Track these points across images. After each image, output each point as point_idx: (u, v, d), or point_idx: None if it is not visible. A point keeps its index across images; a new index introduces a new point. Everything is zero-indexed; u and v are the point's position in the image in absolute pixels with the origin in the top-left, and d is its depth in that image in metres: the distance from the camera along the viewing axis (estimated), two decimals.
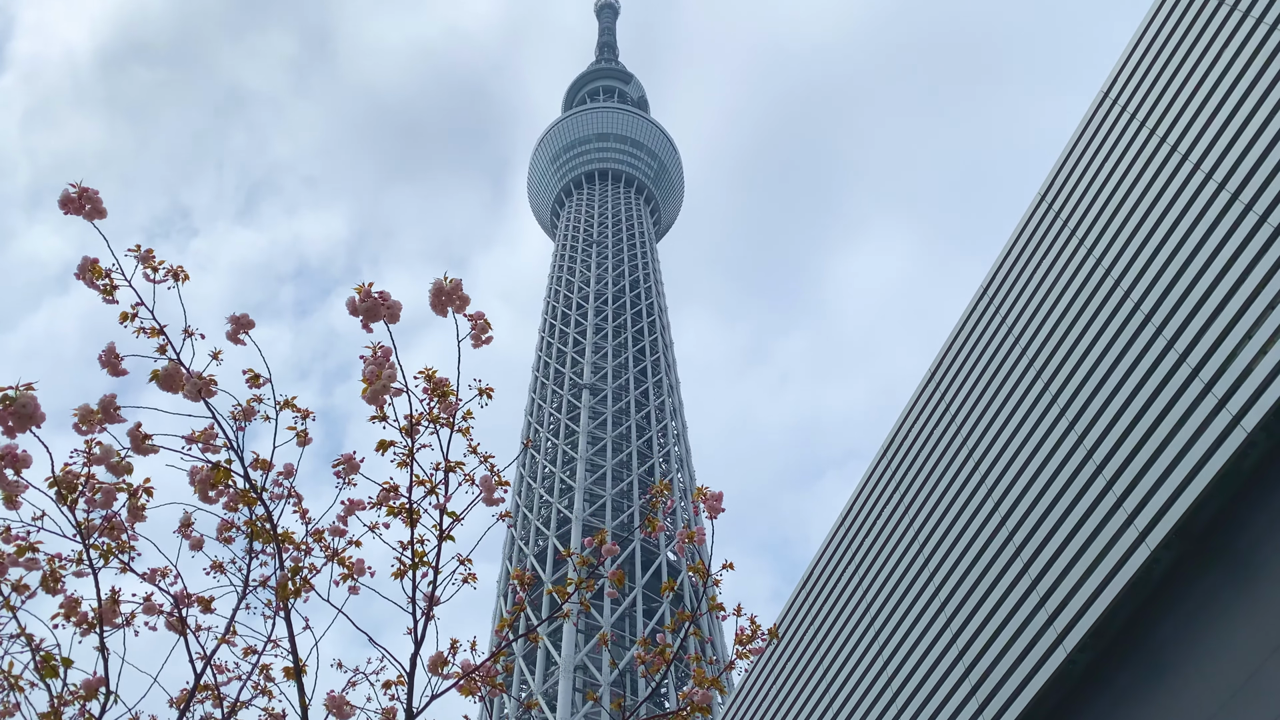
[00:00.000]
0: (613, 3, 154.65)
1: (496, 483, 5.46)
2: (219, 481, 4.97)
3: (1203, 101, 13.00)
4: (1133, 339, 12.63)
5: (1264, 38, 12.15)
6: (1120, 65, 15.56)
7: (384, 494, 5.39)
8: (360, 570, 5.87)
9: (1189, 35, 13.88)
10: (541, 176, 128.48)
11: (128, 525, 5.09)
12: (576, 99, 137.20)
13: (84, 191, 4.39)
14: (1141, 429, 11.91)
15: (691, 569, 5.86)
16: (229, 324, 4.78)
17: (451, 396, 4.98)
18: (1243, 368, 10.59)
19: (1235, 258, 11.34)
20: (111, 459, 4.54)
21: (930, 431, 17.47)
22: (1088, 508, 12.43)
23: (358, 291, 4.57)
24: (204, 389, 4.63)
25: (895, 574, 17.13)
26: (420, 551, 5.43)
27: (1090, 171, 15.21)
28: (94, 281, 4.39)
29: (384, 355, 4.69)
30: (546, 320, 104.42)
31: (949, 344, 17.87)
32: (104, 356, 4.41)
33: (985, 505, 14.85)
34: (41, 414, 4.07)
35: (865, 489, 19.62)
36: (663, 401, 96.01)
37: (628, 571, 76.31)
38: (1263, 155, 11.46)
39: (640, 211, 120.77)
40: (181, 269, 4.55)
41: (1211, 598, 10.70)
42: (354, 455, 5.64)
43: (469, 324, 4.78)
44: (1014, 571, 13.63)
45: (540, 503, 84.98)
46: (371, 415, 4.97)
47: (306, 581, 5.62)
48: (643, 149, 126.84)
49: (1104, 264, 13.87)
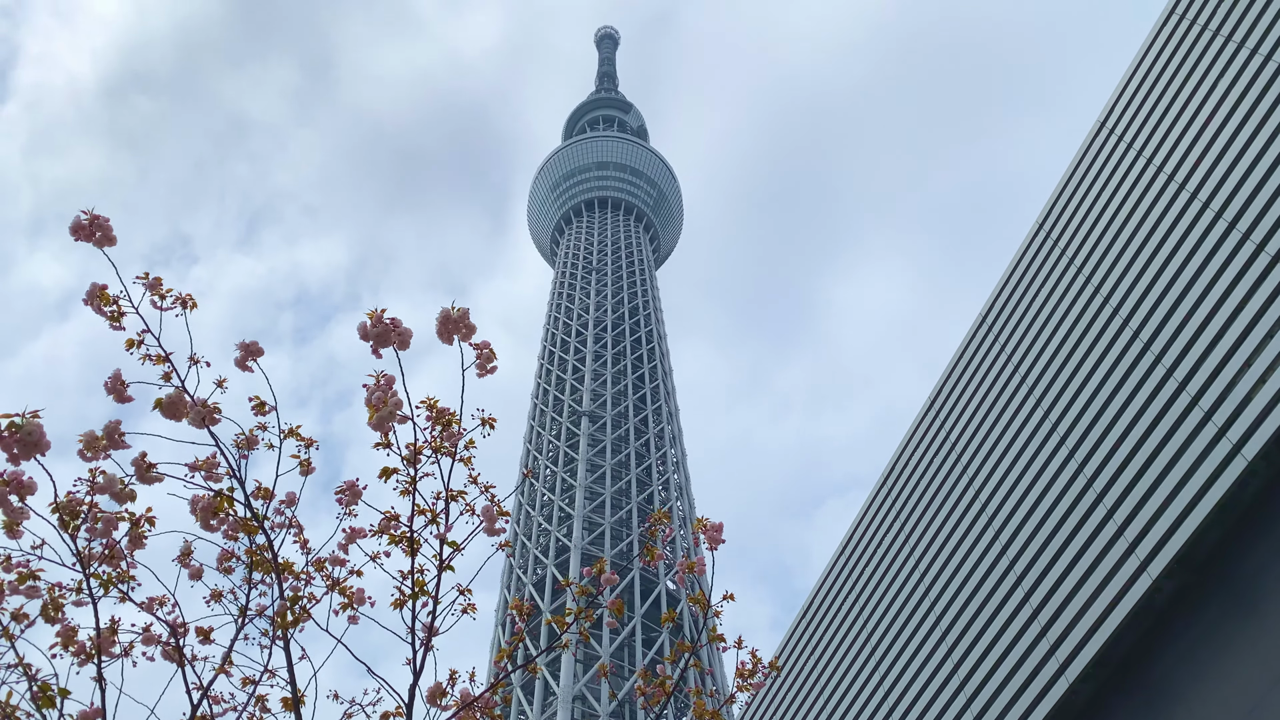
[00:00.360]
0: (612, 33, 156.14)
1: (498, 513, 5.44)
2: (220, 510, 4.96)
3: (1199, 131, 13.10)
4: (1132, 367, 12.65)
5: (1258, 69, 12.27)
6: (1117, 95, 15.69)
7: (385, 522, 5.38)
8: (360, 600, 5.84)
9: (1184, 66, 14.02)
10: (541, 204, 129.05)
11: (128, 553, 5.08)
12: (576, 128, 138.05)
13: (95, 219, 4.42)
14: (1141, 457, 11.90)
15: (692, 600, 5.83)
16: (238, 350, 4.78)
17: (455, 426, 4.98)
18: (1242, 396, 10.60)
19: (1233, 286, 11.38)
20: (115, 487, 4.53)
21: (931, 459, 17.45)
22: (1089, 536, 12.40)
23: (369, 317, 4.57)
24: (207, 417, 4.63)
25: (896, 603, 17.04)
26: (420, 581, 5.40)
27: (1088, 200, 15.30)
28: (101, 308, 4.41)
29: (388, 383, 4.69)
30: (546, 347, 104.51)
31: (949, 371, 17.89)
32: (110, 383, 4.42)
33: (986, 534, 14.81)
34: (47, 442, 4.07)
35: (866, 517, 19.57)
36: (662, 429, 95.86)
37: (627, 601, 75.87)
38: (1259, 183, 11.54)
39: (640, 239, 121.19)
40: (190, 296, 4.56)
41: (1214, 628, 10.64)
42: (356, 483, 5.63)
43: (474, 353, 4.79)
44: (1015, 600, 13.57)
45: (539, 531, 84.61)
46: (376, 442, 4.96)
47: (305, 611, 5.59)
48: (642, 177, 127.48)
49: (1102, 292, 13.91)
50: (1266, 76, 12.09)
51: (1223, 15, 13.38)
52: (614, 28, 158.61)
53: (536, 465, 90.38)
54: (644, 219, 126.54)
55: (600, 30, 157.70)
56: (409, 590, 5.40)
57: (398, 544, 5.33)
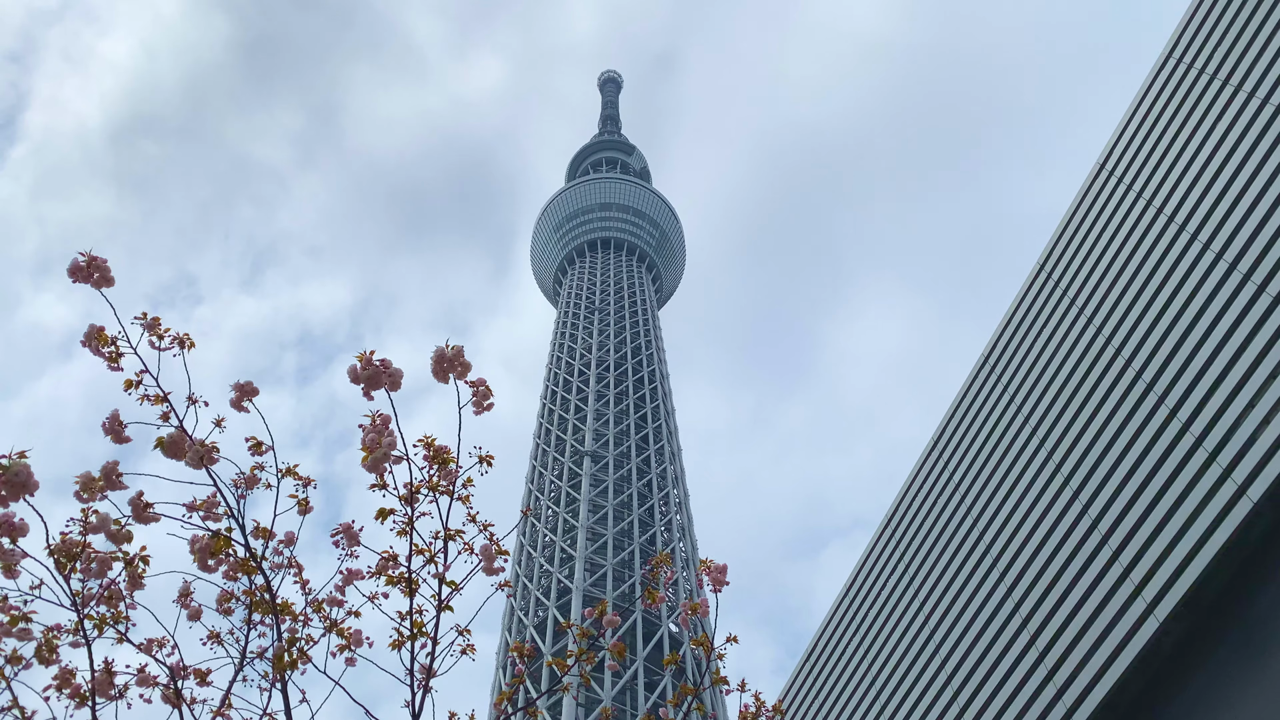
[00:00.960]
0: (616, 77, 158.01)
1: (496, 552, 5.40)
2: (219, 550, 4.93)
3: (1198, 173, 13.18)
4: (1135, 408, 12.61)
5: (1255, 111, 12.38)
6: (1116, 137, 15.81)
7: (383, 563, 5.34)
8: (358, 641, 5.78)
9: (1183, 109, 14.14)
10: (544, 245, 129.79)
11: (126, 594, 5.04)
12: (580, 170, 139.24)
13: (93, 260, 4.43)
14: (1146, 498, 11.83)
15: (695, 642, 5.77)
16: (233, 391, 4.78)
17: (452, 464, 4.96)
18: (1246, 437, 10.56)
19: (1235, 326, 11.38)
20: (109, 527, 4.50)
21: (934, 500, 17.36)
22: (1094, 578, 12.29)
23: (359, 359, 4.57)
24: (206, 456, 4.62)
25: (901, 646, 16.86)
26: (419, 622, 5.36)
27: (1088, 241, 15.36)
28: (100, 349, 4.41)
29: (383, 423, 4.68)
30: (548, 387, 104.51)
31: (952, 412, 17.85)
32: (108, 424, 4.41)
33: (991, 576, 14.68)
34: (35, 482, 4.04)
35: (869, 559, 19.42)
36: (665, 469, 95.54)
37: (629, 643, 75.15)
38: (1259, 225, 11.58)
39: (642, 279, 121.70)
40: (187, 336, 4.56)
41: (1223, 671, 10.51)
42: (353, 524, 5.60)
43: (470, 391, 4.79)
44: (1021, 643, 13.42)
45: (540, 572, 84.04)
46: (372, 483, 4.94)
47: (304, 653, 5.53)
48: (644, 218, 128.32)
49: (1104, 333, 13.92)
50: (1264, 119, 12.18)
51: (1220, 58, 13.52)
52: (617, 71, 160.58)
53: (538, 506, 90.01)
54: (646, 259, 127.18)
55: (604, 74, 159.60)
56: (407, 631, 5.35)
57: (396, 585, 5.29)
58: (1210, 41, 13.84)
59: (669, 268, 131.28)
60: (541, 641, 75.69)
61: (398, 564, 5.29)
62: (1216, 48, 13.66)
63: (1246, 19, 13.05)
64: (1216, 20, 13.78)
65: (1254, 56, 12.72)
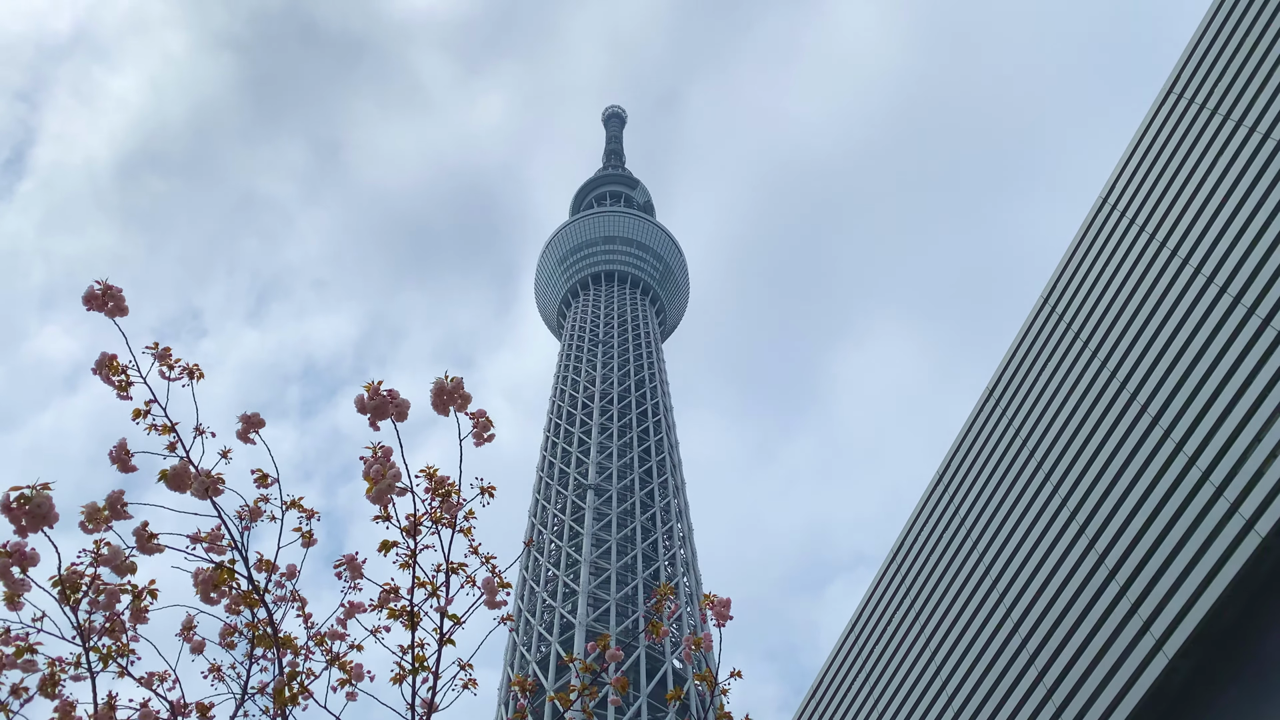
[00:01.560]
0: (620, 112, 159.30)
1: (499, 585, 5.38)
2: (222, 582, 4.91)
3: (1201, 207, 13.23)
4: (1141, 441, 12.57)
5: (1257, 146, 12.45)
6: (1118, 171, 15.89)
7: (385, 596, 5.32)
8: (359, 675, 5.75)
9: (1184, 143, 14.22)
10: (549, 278, 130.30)
11: (130, 626, 5.02)
12: (584, 204, 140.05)
13: (108, 289, 4.46)
14: (1154, 533, 11.76)
15: (699, 677, 5.73)
16: (240, 423, 4.78)
17: (454, 496, 4.96)
18: (1254, 471, 10.51)
19: (1240, 361, 11.37)
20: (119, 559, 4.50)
21: (939, 536, 17.26)
22: (1101, 614, 12.19)
23: (366, 389, 4.58)
24: (211, 488, 4.62)
25: (906, 683, 16.69)
26: (420, 656, 5.32)
27: (1092, 275, 15.39)
28: (110, 377, 4.43)
29: (385, 454, 4.68)
30: (552, 420, 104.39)
31: (956, 447, 17.79)
32: (114, 452, 4.41)
33: (997, 612, 14.57)
34: (55, 514, 4.05)
35: (874, 595, 19.29)
36: (668, 503, 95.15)
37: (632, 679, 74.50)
38: (1263, 259, 11.61)
39: (646, 312, 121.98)
40: (196, 367, 4.58)
41: (1233, 708, 10.39)
42: (356, 556, 5.58)
43: (470, 422, 4.79)
44: (1028, 681, 13.29)
45: (543, 607, 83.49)
46: (375, 515, 4.93)
47: (305, 687, 5.50)
48: (648, 251, 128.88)
49: (1109, 366, 13.91)
50: (1266, 153, 12.25)
51: (1221, 93, 13.62)
52: (621, 107, 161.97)
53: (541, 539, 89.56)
54: (650, 292, 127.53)
55: (608, 109, 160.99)
56: (409, 665, 5.31)
57: (397, 618, 5.26)
58: (1212, 76, 13.95)
59: (672, 300, 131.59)
60: (544, 677, 75.03)
61: (399, 597, 5.27)
62: (1218, 82, 13.77)
63: (1248, 54, 13.16)
64: (1218, 55, 13.91)
65: (1255, 91, 12.81)
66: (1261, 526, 10.09)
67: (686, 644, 5.70)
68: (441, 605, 5.27)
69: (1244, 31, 13.35)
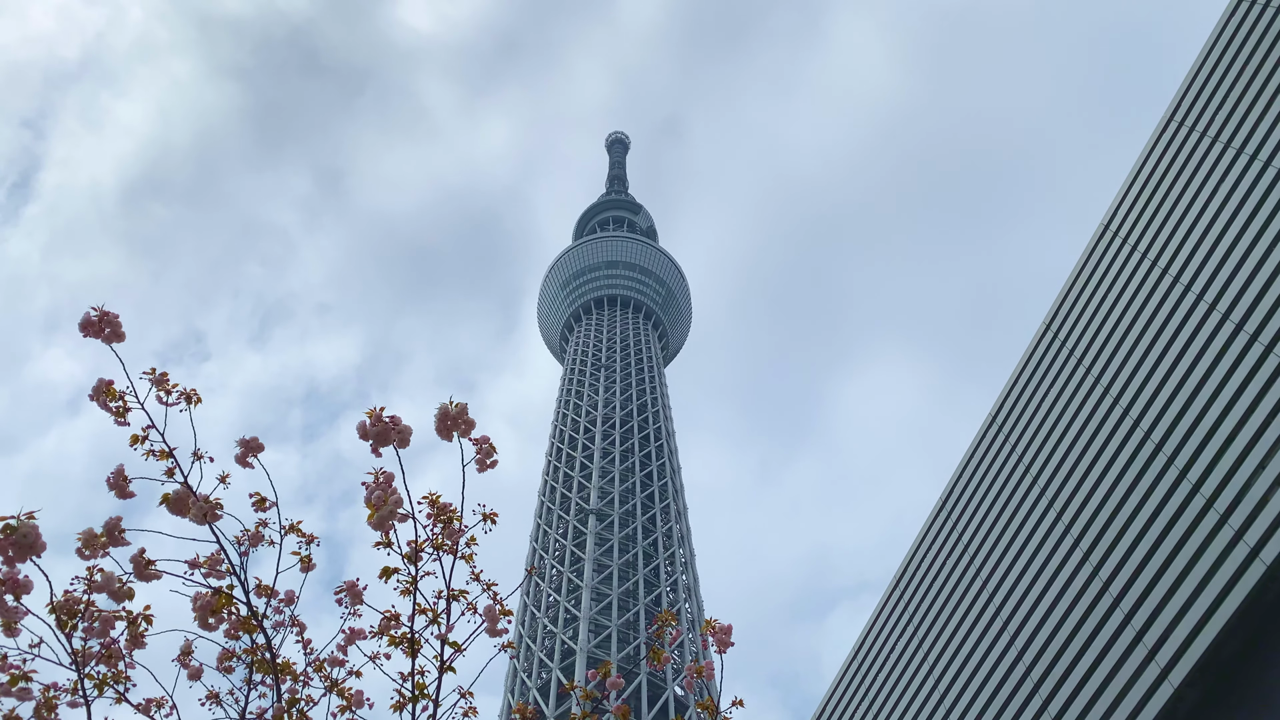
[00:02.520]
0: (623, 138, 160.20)
1: (500, 612, 5.35)
2: (220, 608, 4.88)
3: (1202, 234, 13.25)
4: (1144, 469, 12.52)
5: (1258, 174, 12.48)
6: (1120, 199, 15.93)
7: (385, 623, 5.28)
8: (359, 702, 5.70)
9: (1185, 171, 14.27)
10: (552, 302, 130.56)
11: (126, 653, 4.98)
12: (587, 229, 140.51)
13: (105, 315, 4.46)
14: (1158, 561, 11.69)
15: (701, 705, 5.68)
16: (238, 447, 4.77)
17: (456, 522, 4.93)
18: (1258, 499, 10.46)
19: (1244, 388, 11.35)
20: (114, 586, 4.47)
21: (943, 562, 17.17)
22: (1106, 642, 12.10)
23: (369, 416, 4.57)
24: (209, 513, 4.60)
25: (910, 710, 16.55)
26: (421, 683, 5.28)
27: (1094, 301, 15.39)
28: (107, 403, 4.42)
29: (387, 480, 4.66)
30: (554, 444, 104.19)
31: (959, 472, 17.73)
32: (112, 479, 4.40)
33: (1001, 639, 14.46)
34: (42, 543, 4.02)
35: (878, 621, 19.16)
36: (670, 528, 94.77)
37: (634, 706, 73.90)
38: (1265, 286, 11.61)
39: (648, 337, 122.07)
40: (194, 392, 4.57)
41: None
42: (357, 582, 5.55)
43: (474, 448, 4.77)
44: (1033, 709, 13.17)
45: (544, 633, 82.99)
46: (376, 541, 4.91)
47: (304, 715, 5.45)
48: (651, 276, 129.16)
49: (1111, 392, 13.88)
50: (1266, 181, 12.28)
51: (1222, 121, 13.68)
52: (624, 133, 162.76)
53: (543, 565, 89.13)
54: (653, 317, 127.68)
55: (611, 135, 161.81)
56: (409, 692, 5.27)
57: (398, 645, 5.22)
58: (1212, 105, 14.01)
59: (675, 325, 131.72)
60: (545, 704, 74.48)
61: (400, 624, 5.24)
62: (1218, 111, 13.83)
63: (1248, 83, 13.23)
64: (1218, 84, 13.98)
65: (1255, 119, 12.86)
66: (1266, 554, 10.03)
67: (688, 671, 5.66)
68: (442, 632, 5.24)
69: (1245, 60, 13.43)
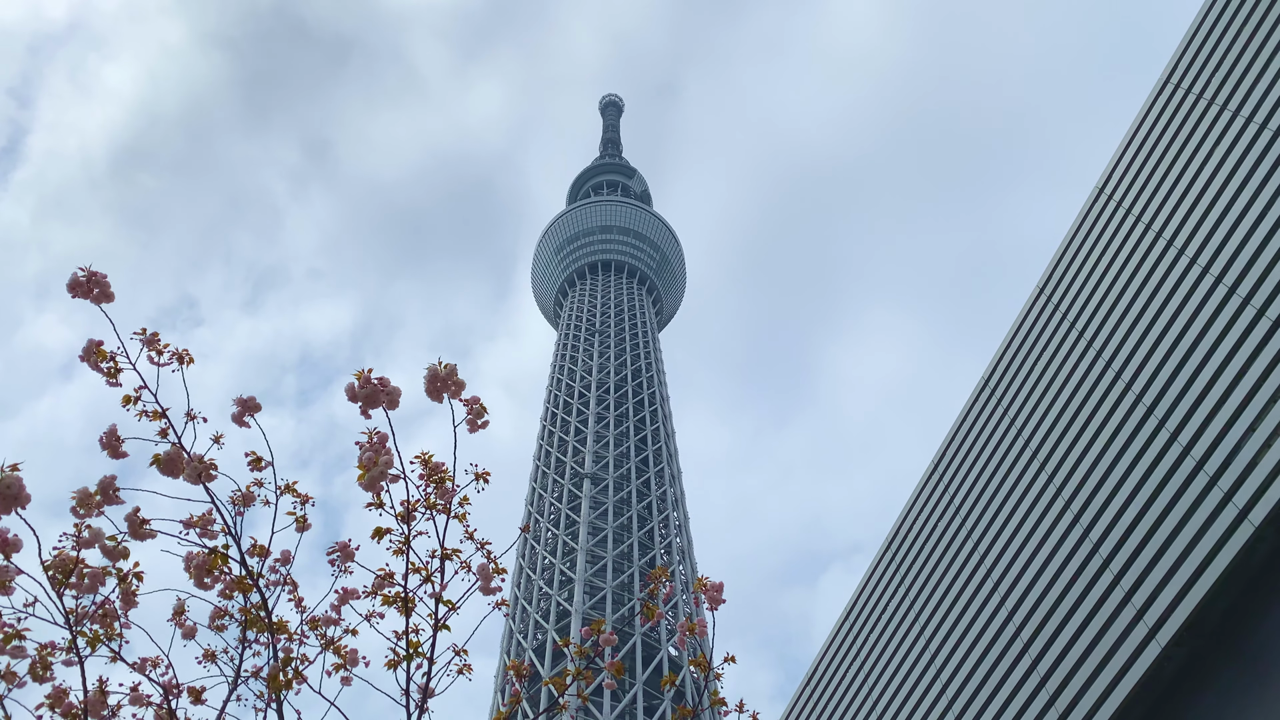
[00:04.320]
0: (617, 100, 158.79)
1: (494, 570, 5.38)
2: (214, 567, 4.90)
3: (1196, 197, 13.22)
4: (1135, 431, 12.59)
5: (1254, 136, 12.43)
6: (1115, 161, 15.87)
7: (379, 581, 5.31)
8: (354, 660, 5.75)
9: (1181, 133, 14.20)
10: (545, 267, 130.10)
11: (122, 612, 5.01)
12: (581, 193, 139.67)
13: (92, 275, 4.44)
14: (1147, 522, 11.79)
15: (693, 663, 5.74)
16: (235, 406, 4.77)
17: (448, 482, 4.95)
18: (1247, 461, 10.53)
19: (1235, 350, 11.38)
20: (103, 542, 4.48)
21: (934, 525, 17.30)
22: (1095, 602, 12.23)
23: (357, 377, 4.56)
24: (204, 473, 4.61)
25: (901, 671, 16.75)
26: (415, 642, 5.32)
27: (1087, 265, 15.38)
28: (98, 364, 4.40)
29: (380, 441, 4.67)
30: (549, 409, 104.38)
31: (951, 436, 17.81)
32: (105, 438, 4.40)
33: (991, 601, 14.61)
34: (27, 495, 4.03)
35: (869, 583, 19.33)
36: (664, 492, 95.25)
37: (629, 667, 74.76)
38: (1259, 249, 11.60)
39: (642, 302, 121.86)
40: (186, 352, 4.56)
41: (1226, 697, 10.44)
42: (349, 543, 5.58)
43: (464, 409, 4.77)
44: (1021, 669, 13.33)
45: (540, 595, 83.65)
46: (368, 503, 4.93)
47: (299, 673, 5.49)
48: (645, 240, 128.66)
49: (1104, 356, 13.92)
50: (1262, 143, 12.24)
51: (1218, 83, 13.60)
52: (618, 95, 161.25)
53: (538, 528, 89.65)
54: (647, 282, 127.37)
55: (605, 97, 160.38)
56: (404, 650, 5.31)
57: (392, 604, 5.26)
58: (1209, 66, 13.92)
59: (669, 290, 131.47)
60: (540, 665, 75.25)
61: (393, 583, 5.27)
62: (1215, 72, 13.74)
63: (1245, 44, 13.13)
64: (1215, 45, 13.87)
65: (1252, 81, 12.79)
66: (1255, 516, 10.12)
67: (680, 629, 5.71)
68: (436, 591, 5.27)
69: (1242, 21, 13.32)
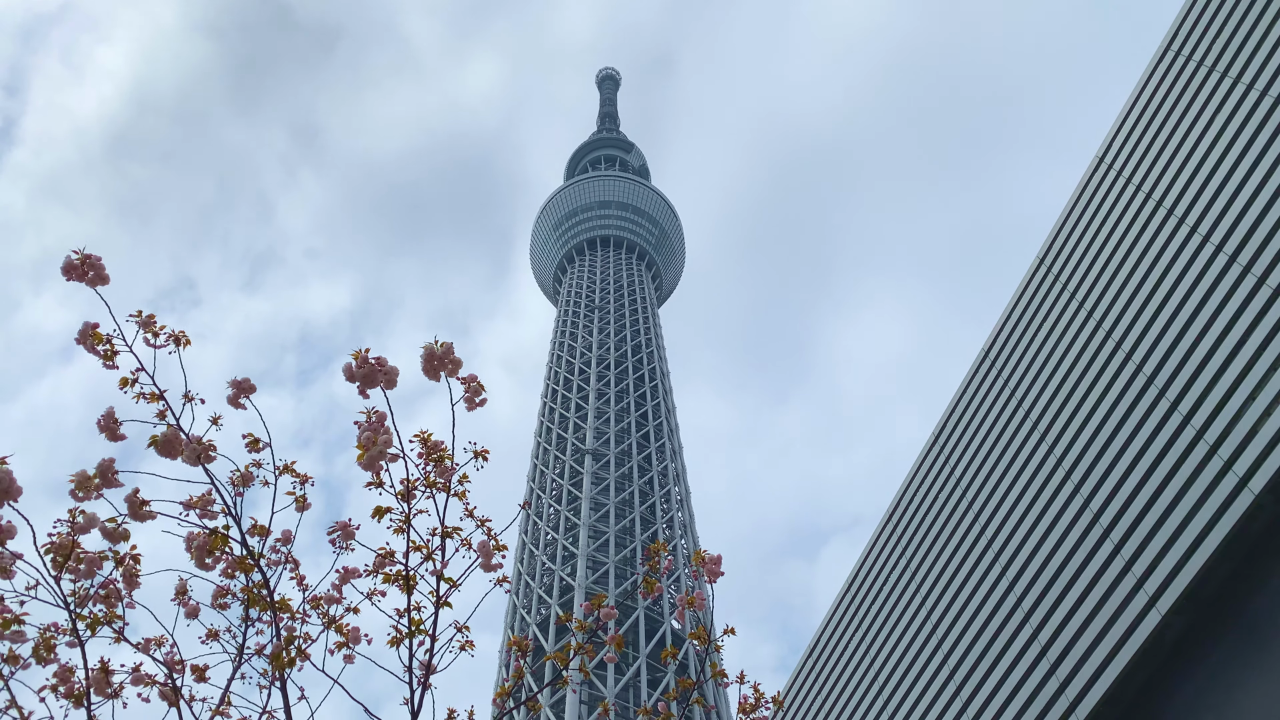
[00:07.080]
0: (614, 74, 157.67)
1: (495, 548, 5.39)
2: (215, 547, 4.91)
3: (1197, 166, 13.15)
4: (1135, 401, 12.59)
5: (1255, 104, 12.35)
6: (1115, 131, 15.78)
7: (380, 560, 5.33)
8: (356, 638, 5.77)
9: (1181, 101, 14.11)
10: (544, 244, 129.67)
11: (125, 593, 5.02)
12: (578, 168, 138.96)
13: (87, 258, 4.41)
14: (1147, 492, 11.81)
15: (693, 636, 5.77)
16: (230, 388, 4.76)
17: (447, 460, 4.95)
18: (1247, 429, 10.54)
19: (1235, 319, 11.36)
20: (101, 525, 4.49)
21: (935, 496, 17.34)
22: (1096, 571, 12.28)
23: (354, 357, 4.55)
24: (203, 454, 4.60)
25: (902, 642, 16.85)
26: (417, 619, 5.34)
27: (1088, 235, 15.33)
28: (94, 347, 4.38)
29: (379, 420, 4.66)
30: (549, 385, 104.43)
31: (951, 408, 17.83)
32: (103, 421, 4.39)
33: (992, 571, 14.67)
34: (18, 488, 4.02)
35: (870, 555, 19.41)
36: (665, 466, 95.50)
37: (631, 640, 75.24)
38: (1259, 218, 11.55)
39: (642, 277, 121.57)
40: (182, 334, 4.54)
41: (1226, 665, 10.50)
42: (349, 523, 5.59)
43: (462, 387, 4.77)
44: (1023, 638, 13.41)
45: (543, 570, 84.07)
46: (368, 482, 4.93)
47: (302, 651, 5.52)
48: (644, 216, 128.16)
49: (1104, 326, 13.90)
50: (1263, 111, 12.16)
51: (1219, 51, 13.49)
52: (615, 69, 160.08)
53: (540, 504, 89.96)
54: (646, 257, 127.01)
55: (602, 71, 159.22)
56: (406, 628, 5.33)
57: (393, 582, 5.27)
58: (1209, 34, 13.81)
59: (668, 266, 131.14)
60: (544, 639, 75.72)
61: (395, 561, 5.28)
62: (1215, 40, 13.63)
63: (1245, 11, 13.02)
64: (1215, 12, 13.75)
65: (1252, 49, 12.68)
66: (1255, 484, 10.14)
67: (680, 602, 5.74)
68: (438, 569, 5.29)
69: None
